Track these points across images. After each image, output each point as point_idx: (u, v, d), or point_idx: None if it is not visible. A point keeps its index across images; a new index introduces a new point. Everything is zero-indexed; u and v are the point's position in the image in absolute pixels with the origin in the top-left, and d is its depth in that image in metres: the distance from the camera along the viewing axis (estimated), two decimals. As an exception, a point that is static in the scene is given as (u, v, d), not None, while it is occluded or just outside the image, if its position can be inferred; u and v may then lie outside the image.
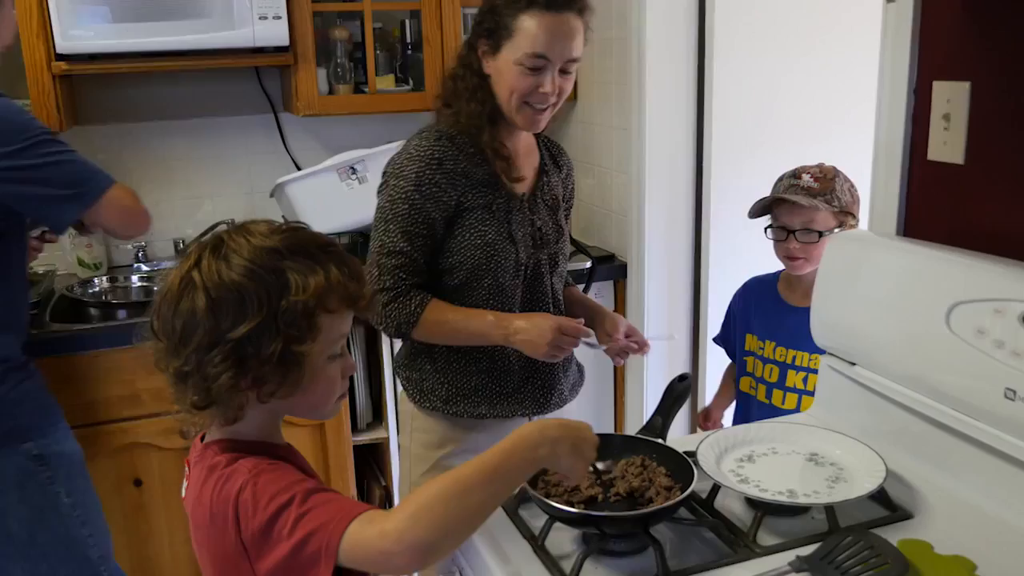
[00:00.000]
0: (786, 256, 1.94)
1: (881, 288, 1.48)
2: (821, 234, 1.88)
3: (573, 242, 2.98)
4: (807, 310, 1.78)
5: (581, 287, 2.71)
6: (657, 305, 2.72)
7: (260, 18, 2.56)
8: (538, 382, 1.82)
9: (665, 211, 2.69)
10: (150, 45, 2.51)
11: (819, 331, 1.62)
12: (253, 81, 2.99)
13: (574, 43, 1.67)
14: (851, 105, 2.40)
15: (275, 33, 2.59)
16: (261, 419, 1.11)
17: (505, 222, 1.75)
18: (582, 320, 1.71)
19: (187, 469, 1.16)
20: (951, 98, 1.53)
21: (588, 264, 2.77)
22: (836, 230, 1.88)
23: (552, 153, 1.94)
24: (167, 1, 2.49)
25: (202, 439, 1.15)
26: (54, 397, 2.05)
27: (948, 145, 1.55)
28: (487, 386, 1.79)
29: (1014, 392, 1.24)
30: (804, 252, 1.91)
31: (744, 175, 2.56)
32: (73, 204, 1.89)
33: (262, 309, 1.02)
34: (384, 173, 1.76)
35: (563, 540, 1.23)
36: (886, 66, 1.65)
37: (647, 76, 2.58)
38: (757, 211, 1.97)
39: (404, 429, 1.90)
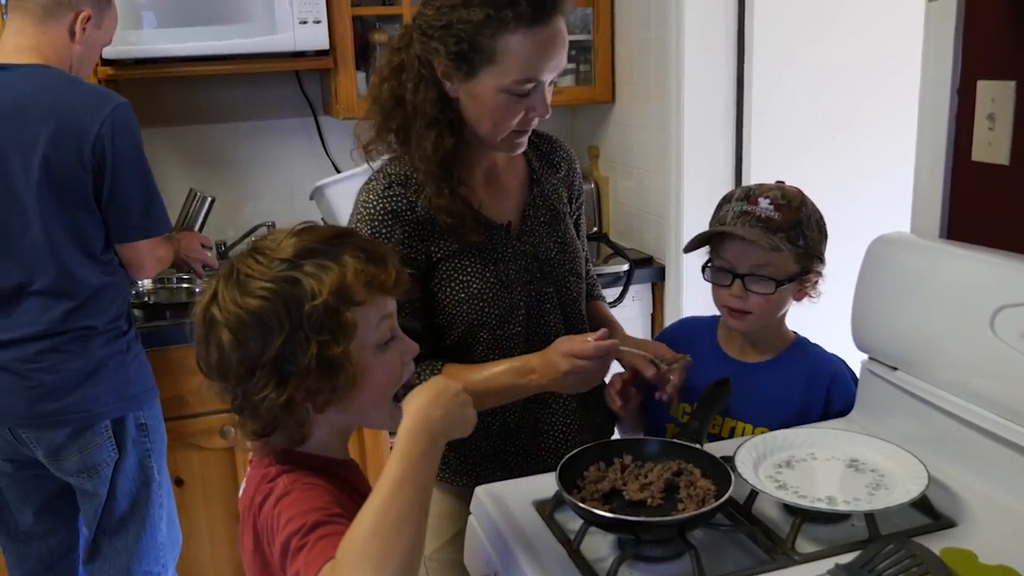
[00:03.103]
0: (728, 306, 1.55)
1: (924, 291, 1.45)
2: (779, 283, 1.50)
3: (611, 244, 2.98)
4: (754, 367, 1.57)
5: (617, 290, 2.72)
6: (695, 308, 2.69)
7: (301, 22, 2.59)
8: (558, 431, 1.59)
9: (704, 213, 2.63)
10: (193, 50, 2.56)
11: (859, 334, 1.59)
12: (294, 85, 3.02)
13: (565, 51, 1.42)
14: (893, 105, 2.36)
15: (315, 37, 2.62)
16: (322, 432, 1.11)
17: (491, 263, 1.50)
18: (601, 333, 1.42)
19: (248, 469, 1.16)
20: (996, 98, 1.50)
21: (626, 267, 2.76)
22: (797, 281, 1.52)
23: (543, 151, 1.64)
24: (210, 6, 2.54)
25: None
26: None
27: (993, 146, 1.52)
28: (502, 448, 1.56)
29: (1061, 399, 1.21)
30: (751, 304, 1.51)
31: (784, 177, 2.53)
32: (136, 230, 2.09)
33: (284, 325, 1.01)
34: None
35: (598, 545, 1.22)
36: (929, 65, 1.63)
37: (686, 77, 2.56)
38: (695, 244, 1.57)
39: None
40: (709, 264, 1.57)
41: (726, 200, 1.56)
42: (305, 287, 1.02)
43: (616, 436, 1.71)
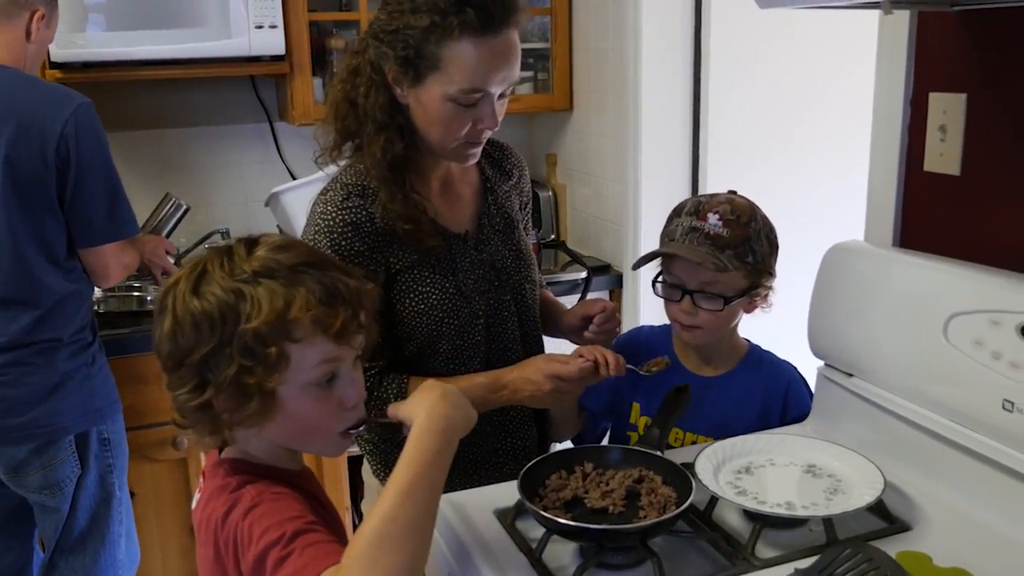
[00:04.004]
0: (678, 321, 1.55)
1: (878, 299, 1.47)
2: (728, 300, 1.49)
3: (568, 252, 2.99)
4: (711, 380, 1.58)
5: (575, 298, 2.72)
6: (652, 315, 2.70)
7: (256, 27, 2.56)
8: (515, 438, 1.59)
9: (661, 221, 2.66)
10: (145, 53, 2.51)
11: (816, 341, 1.62)
12: (249, 90, 2.98)
13: (516, 64, 1.39)
14: (848, 116, 2.40)
15: (271, 42, 2.59)
16: (262, 444, 1.09)
17: (449, 274, 1.48)
18: (581, 357, 1.44)
19: (201, 480, 1.14)
20: (947, 109, 1.53)
21: (584, 274, 2.77)
22: (747, 295, 1.51)
23: (495, 159, 1.63)
24: (163, 10, 2.49)
25: (220, 451, 1.13)
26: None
27: (944, 156, 1.55)
28: (460, 455, 1.53)
29: (1012, 404, 1.24)
30: (701, 319, 1.51)
31: (739, 184, 2.55)
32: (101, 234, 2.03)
33: (214, 335, 1.00)
34: None
35: (561, 553, 1.22)
36: (883, 78, 1.66)
37: (643, 85, 2.58)
38: (643, 261, 1.57)
39: (368, 501, 1.64)
40: (660, 279, 1.56)
41: (676, 214, 1.55)
42: (247, 306, 1.00)
43: (561, 445, 1.71)
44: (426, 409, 1.03)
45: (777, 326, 1.73)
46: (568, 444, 1.70)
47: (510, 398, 1.45)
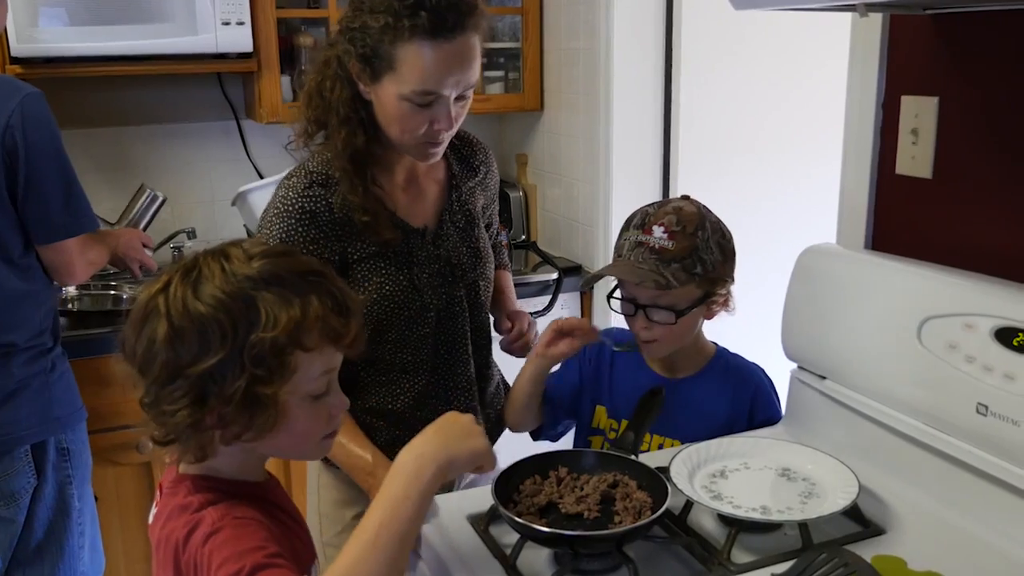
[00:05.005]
0: (638, 336, 1.52)
1: (851, 302, 1.47)
2: (681, 313, 1.47)
3: (539, 252, 2.98)
4: (678, 383, 1.56)
5: (546, 299, 2.71)
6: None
7: (223, 24, 2.52)
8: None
9: (632, 222, 2.69)
10: (109, 49, 2.46)
11: (789, 344, 1.61)
12: (215, 87, 2.94)
13: (472, 69, 1.40)
14: (820, 118, 2.41)
15: (238, 39, 2.56)
16: (241, 456, 1.04)
17: (405, 267, 1.50)
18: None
19: (158, 494, 1.08)
20: (919, 113, 1.53)
21: (554, 275, 2.76)
22: (703, 304, 1.49)
23: (463, 155, 1.64)
24: (128, 5, 2.45)
25: (178, 465, 1.07)
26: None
27: (916, 159, 1.55)
28: (402, 439, 1.50)
29: (986, 407, 1.24)
30: (658, 333, 1.49)
31: (711, 185, 2.56)
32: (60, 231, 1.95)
33: (226, 343, 0.94)
34: (258, 225, 1.51)
35: (535, 559, 1.21)
36: (855, 80, 1.66)
37: (614, 86, 2.58)
38: (591, 281, 1.58)
39: (310, 484, 1.65)
40: (614, 295, 1.54)
41: (625, 227, 1.52)
42: (260, 315, 0.95)
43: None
44: (409, 447, 1.02)
45: (750, 328, 1.73)
46: (528, 439, 1.69)
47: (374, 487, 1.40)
